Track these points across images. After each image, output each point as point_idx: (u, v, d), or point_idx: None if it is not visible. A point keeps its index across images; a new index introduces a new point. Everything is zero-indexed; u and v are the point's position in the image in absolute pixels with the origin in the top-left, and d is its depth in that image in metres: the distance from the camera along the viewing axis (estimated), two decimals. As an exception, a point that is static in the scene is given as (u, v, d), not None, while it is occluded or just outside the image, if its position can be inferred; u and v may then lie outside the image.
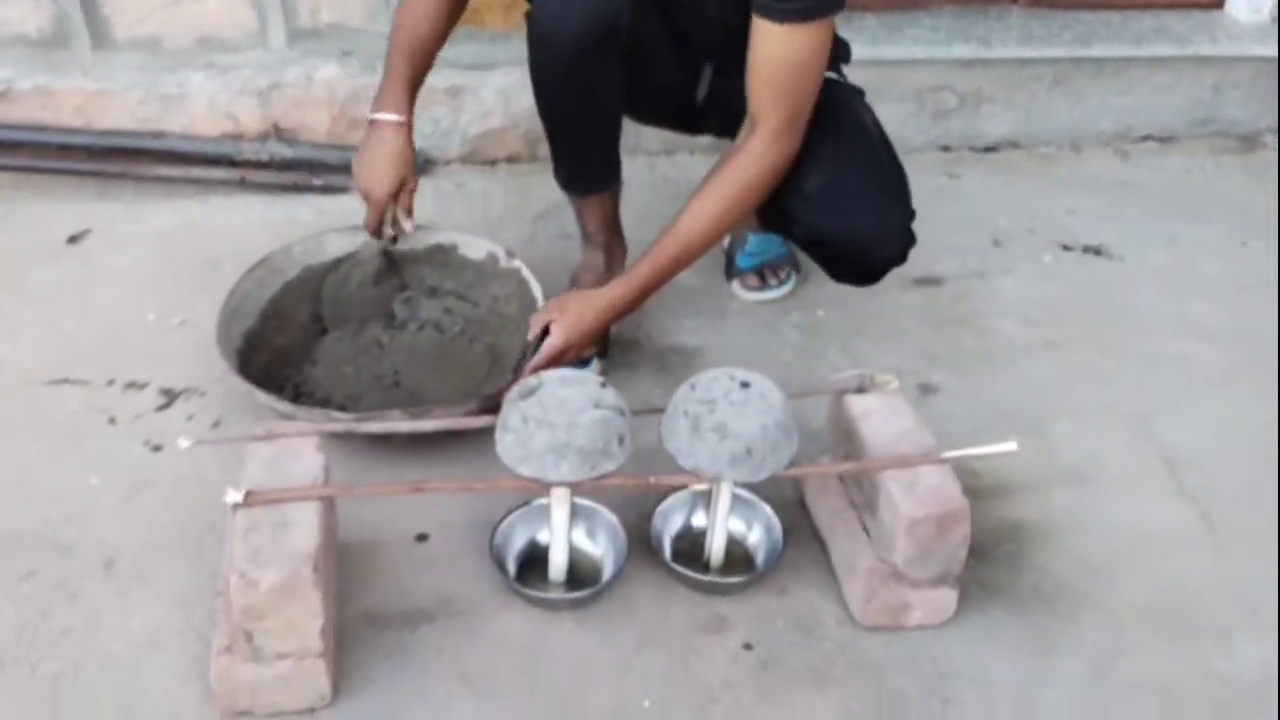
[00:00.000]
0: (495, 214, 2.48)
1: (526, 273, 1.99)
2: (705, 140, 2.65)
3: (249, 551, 1.35)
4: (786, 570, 1.67)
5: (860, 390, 1.65)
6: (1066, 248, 2.47)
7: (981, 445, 1.55)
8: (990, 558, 1.71)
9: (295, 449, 1.50)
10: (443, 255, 2.05)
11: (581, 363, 2.04)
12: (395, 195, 1.89)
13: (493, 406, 1.59)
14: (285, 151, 2.46)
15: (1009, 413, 1.97)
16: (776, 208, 1.82)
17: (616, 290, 1.75)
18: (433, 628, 1.57)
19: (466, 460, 1.75)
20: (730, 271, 2.27)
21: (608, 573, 1.63)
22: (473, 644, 1.55)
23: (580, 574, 1.65)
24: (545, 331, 1.70)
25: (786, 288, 2.25)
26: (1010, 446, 1.56)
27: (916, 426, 1.61)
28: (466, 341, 2.01)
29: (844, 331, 2.17)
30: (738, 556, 1.69)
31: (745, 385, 1.53)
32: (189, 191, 2.47)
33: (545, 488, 1.48)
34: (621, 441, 1.49)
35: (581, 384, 1.52)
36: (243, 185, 2.45)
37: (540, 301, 1.89)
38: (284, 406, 1.72)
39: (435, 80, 2.26)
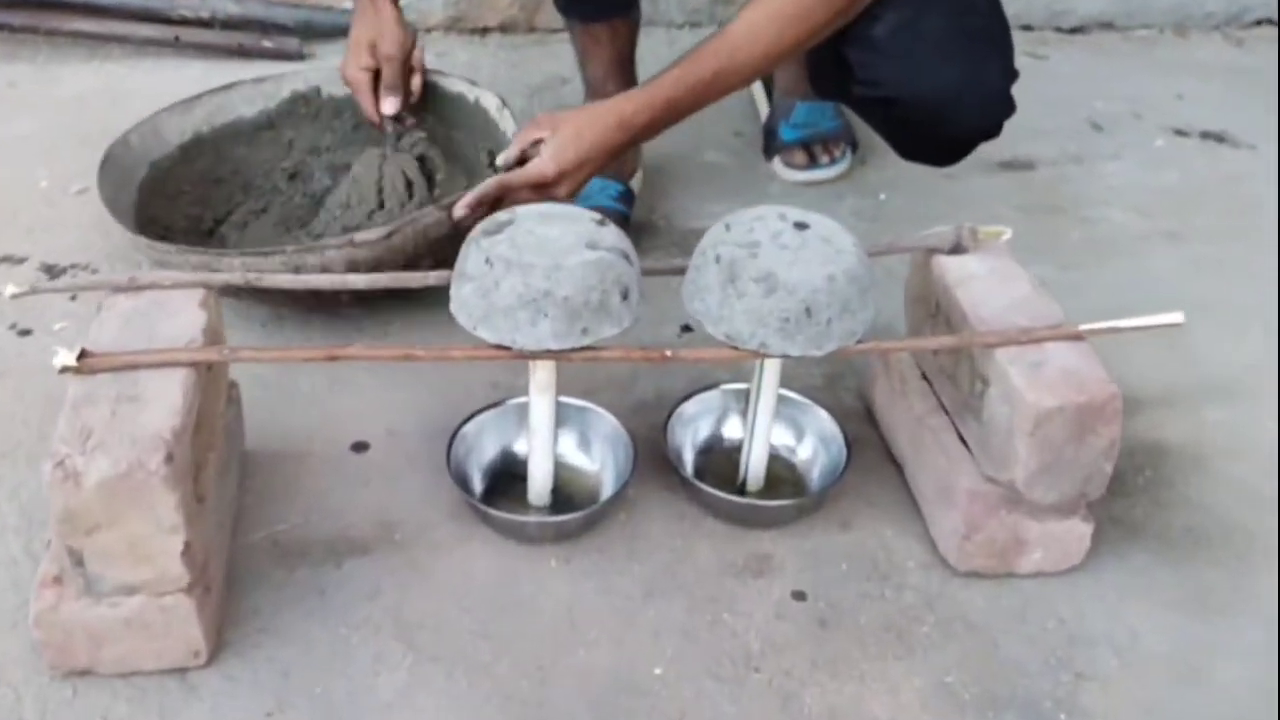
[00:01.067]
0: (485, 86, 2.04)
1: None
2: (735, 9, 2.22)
3: (75, 432, 0.92)
4: (850, 496, 1.23)
5: (957, 249, 1.20)
6: (1180, 133, 2.02)
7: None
8: (1127, 487, 1.27)
9: (168, 304, 1.06)
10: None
11: (620, 191, 1.60)
12: (378, 75, 1.50)
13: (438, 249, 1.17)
14: (229, 7, 2.03)
15: (1130, 310, 1.51)
16: (834, 61, 1.39)
17: (629, 103, 1.28)
18: (364, 563, 1.14)
19: (422, 325, 1.34)
20: (771, 147, 1.82)
21: (606, 493, 1.19)
22: (418, 586, 1.12)
23: (569, 496, 1.21)
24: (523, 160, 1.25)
25: (840, 167, 1.81)
26: (1176, 318, 1.12)
27: (1036, 294, 1.16)
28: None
29: (912, 218, 1.71)
30: (784, 477, 1.25)
31: (801, 226, 1.09)
32: (113, 52, 2.05)
33: (516, 358, 1.04)
34: (625, 296, 1.05)
35: (571, 220, 1.08)
36: (177, 46, 2.02)
37: None
38: (166, 250, 1.29)
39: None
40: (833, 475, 1.21)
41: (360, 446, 1.27)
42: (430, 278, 1.13)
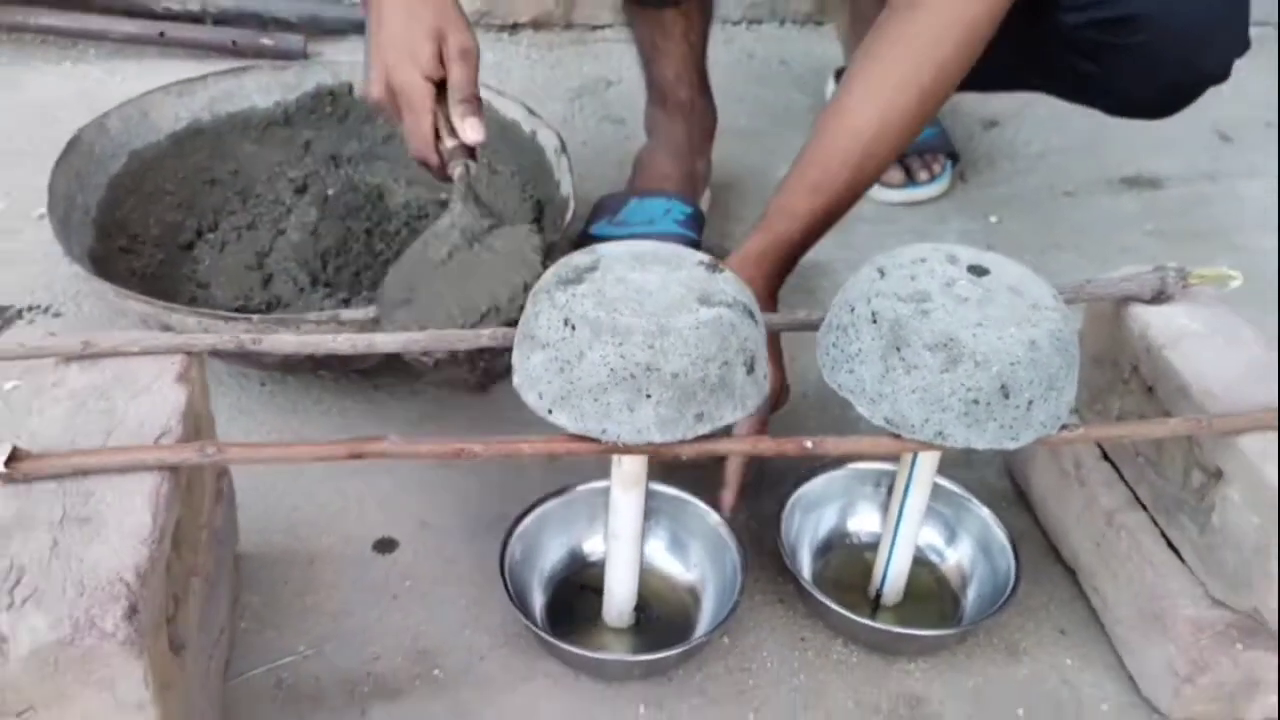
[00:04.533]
0: (515, 93, 1.77)
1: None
2: (802, 4, 1.96)
3: (0, 575, 0.65)
4: (1011, 611, 0.96)
5: (1160, 297, 0.93)
6: (1321, 145, 1.75)
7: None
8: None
9: (135, 377, 0.79)
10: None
11: (688, 214, 1.34)
12: (442, 87, 1.01)
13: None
14: None
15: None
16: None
17: (764, 236, 1.03)
18: (397, 710, 0.87)
19: (459, 406, 1.07)
20: (858, 162, 1.55)
21: (707, 616, 0.92)
22: (467, 743, 0.85)
23: (656, 613, 0.94)
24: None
25: (941, 184, 1.54)
26: None
27: (1270, 360, 0.90)
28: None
29: (1033, 244, 1.45)
30: (927, 587, 0.98)
31: (979, 271, 0.82)
32: (87, 52, 1.77)
33: (608, 452, 0.77)
34: (751, 368, 0.78)
35: (672, 263, 0.81)
36: (162, 44, 1.74)
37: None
38: (154, 309, 1.01)
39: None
40: (996, 592, 0.94)
41: (386, 545, 1.00)
42: (483, 337, 0.86)
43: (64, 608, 0.64)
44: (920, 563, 0.97)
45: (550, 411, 0.76)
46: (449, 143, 0.98)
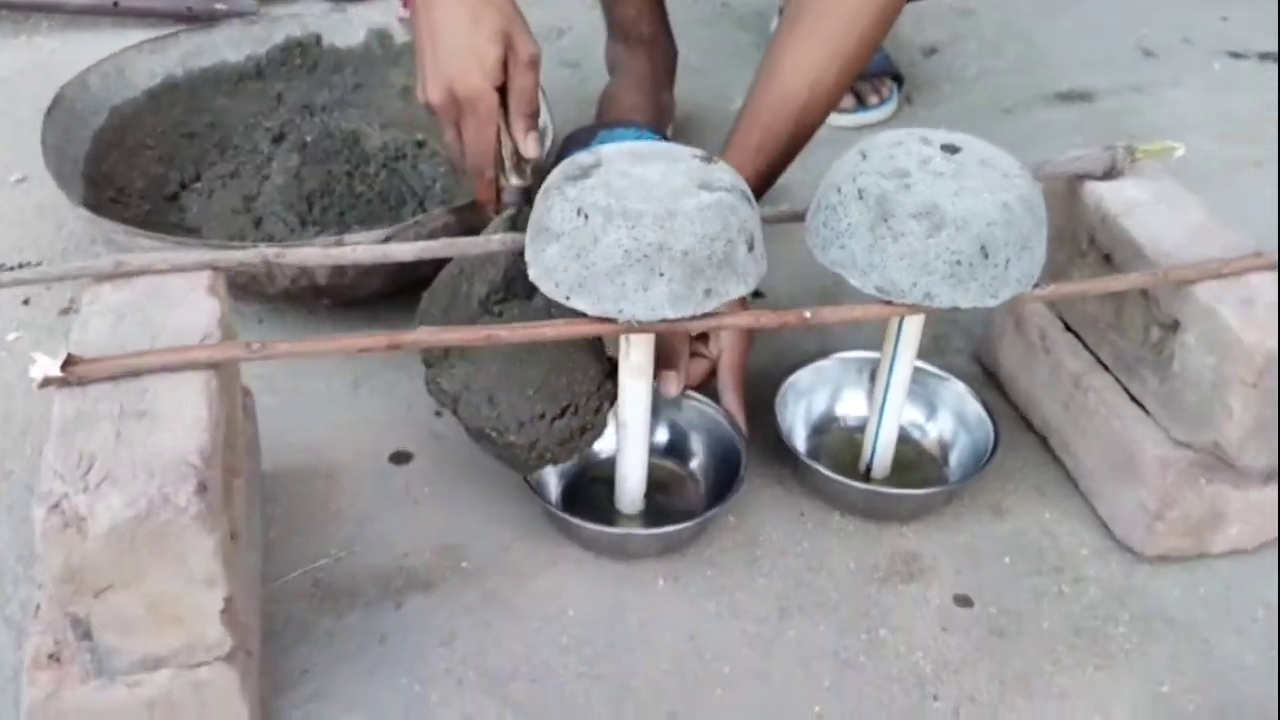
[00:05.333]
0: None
1: None
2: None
3: (70, 463, 0.69)
4: (992, 476, 1.04)
5: (1111, 173, 1.01)
6: (1236, 55, 1.85)
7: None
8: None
9: (167, 293, 0.83)
10: None
11: (656, 140, 1.39)
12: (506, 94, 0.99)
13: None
14: (176, -32, 1.78)
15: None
16: None
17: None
18: (431, 600, 0.92)
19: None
20: (808, 90, 1.62)
21: (713, 498, 0.98)
22: (502, 623, 0.90)
23: (666, 501, 1.00)
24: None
25: (890, 107, 1.61)
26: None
27: (1215, 222, 0.98)
28: None
29: (978, 159, 1.52)
30: (911, 460, 1.05)
31: (951, 149, 0.89)
32: (40, 24, 1.78)
33: (625, 331, 0.83)
34: (751, 246, 0.84)
35: (671, 158, 0.87)
36: (116, 13, 1.76)
37: None
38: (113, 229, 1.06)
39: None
40: (976, 459, 1.01)
41: (401, 458, 1.05)
42: (493, 242, 0.91)
43: (137, 487, 0.68)
44: (904, 440, 1.04)
45: (568, 298, 0.82)
46: (514, 180, 0.99)
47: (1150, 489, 0.94)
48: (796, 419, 1.04)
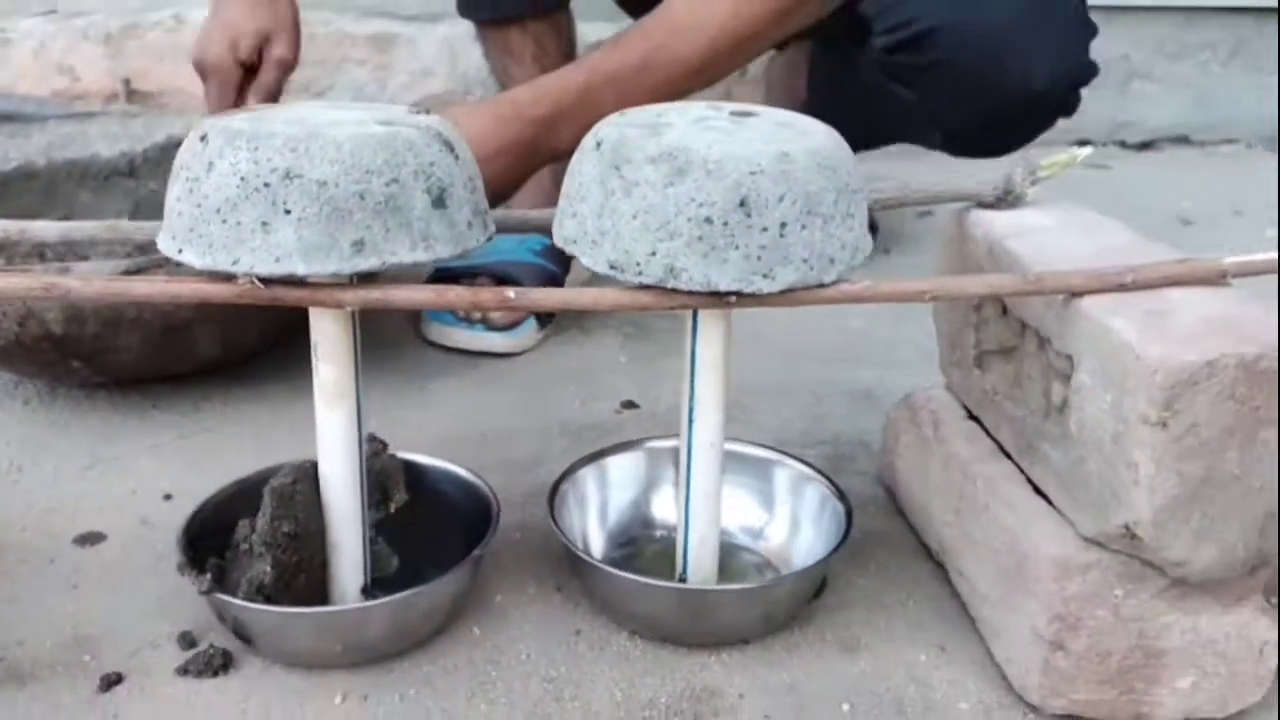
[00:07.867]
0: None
1: None
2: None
3: None
4: (858, 606, 0.75)
5: (1007, 199, 0.77)
6: (1296, 229, 1.60)
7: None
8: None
9: None
10: None
11: (545, 244, 1.21)
12: (253, 68, 1.13)
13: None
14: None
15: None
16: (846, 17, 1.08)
17: (527, 90, 1.00)
18: (21, 695, 0.67)
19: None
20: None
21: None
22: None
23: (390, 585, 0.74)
24: None
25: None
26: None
27: (1141, 241, 0.72)
28: None
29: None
30: (744, 572, 0.77)
31: (744, 115, 0.67)
32: None
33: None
34: (441, 202, 0.62)
35: (376, 109, 0.67)
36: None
37: None
38: None
39: (355, 28, 1.58)
40: (823, 548, 0.73)
41: (85, 539, 0.82)
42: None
43: None
44: (738, 548, 0.76)
45: (180, 251, 0.61)
46: None
47: (1043, 604, 0.64)
48: (588, 523, 0.78)
